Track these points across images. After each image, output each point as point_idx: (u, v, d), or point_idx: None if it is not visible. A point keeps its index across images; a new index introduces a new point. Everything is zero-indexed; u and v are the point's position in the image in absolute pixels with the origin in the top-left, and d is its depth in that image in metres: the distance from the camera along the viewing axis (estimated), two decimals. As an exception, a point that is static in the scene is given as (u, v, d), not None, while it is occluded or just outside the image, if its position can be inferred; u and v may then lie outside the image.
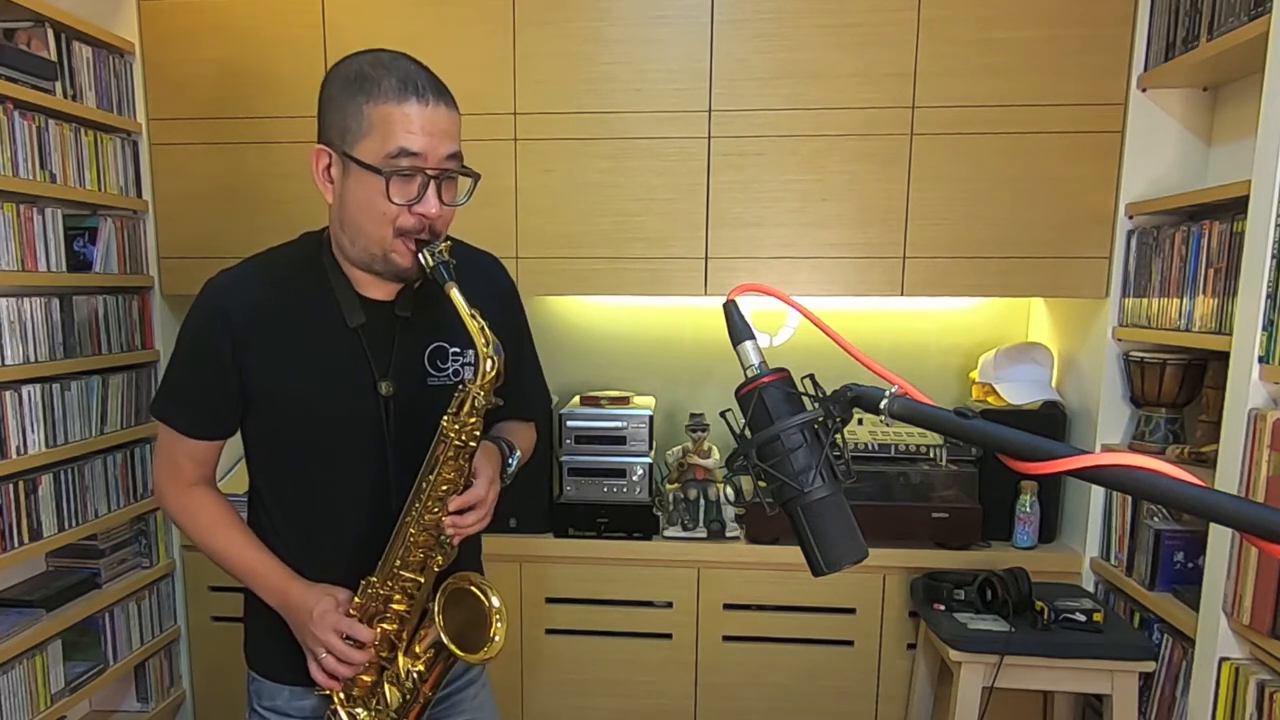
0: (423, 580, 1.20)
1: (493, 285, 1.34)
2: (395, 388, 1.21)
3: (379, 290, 1.22)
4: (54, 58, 2.17)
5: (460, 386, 1.14)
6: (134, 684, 2.55)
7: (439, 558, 1.19)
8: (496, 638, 1.18)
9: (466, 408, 1.13)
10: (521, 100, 2.33)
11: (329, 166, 1.15)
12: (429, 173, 1.11)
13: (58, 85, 2.18)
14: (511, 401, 1.27)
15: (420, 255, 1.13)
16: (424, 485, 1.16)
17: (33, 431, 2.07)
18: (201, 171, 2.46)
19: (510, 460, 1.29)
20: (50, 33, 2.15)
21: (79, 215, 2.29)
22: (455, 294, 1.11)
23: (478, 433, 1.15)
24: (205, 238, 2.48)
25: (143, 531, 2.51)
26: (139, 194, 2.49)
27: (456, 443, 1.14)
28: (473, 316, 1.11)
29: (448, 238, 1.19)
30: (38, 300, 2.09)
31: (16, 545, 2.03)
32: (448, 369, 1.26)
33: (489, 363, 1.12)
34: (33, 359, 2.08)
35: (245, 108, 2.41)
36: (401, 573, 1.19)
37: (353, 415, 1.21)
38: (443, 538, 1.18)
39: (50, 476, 2.13)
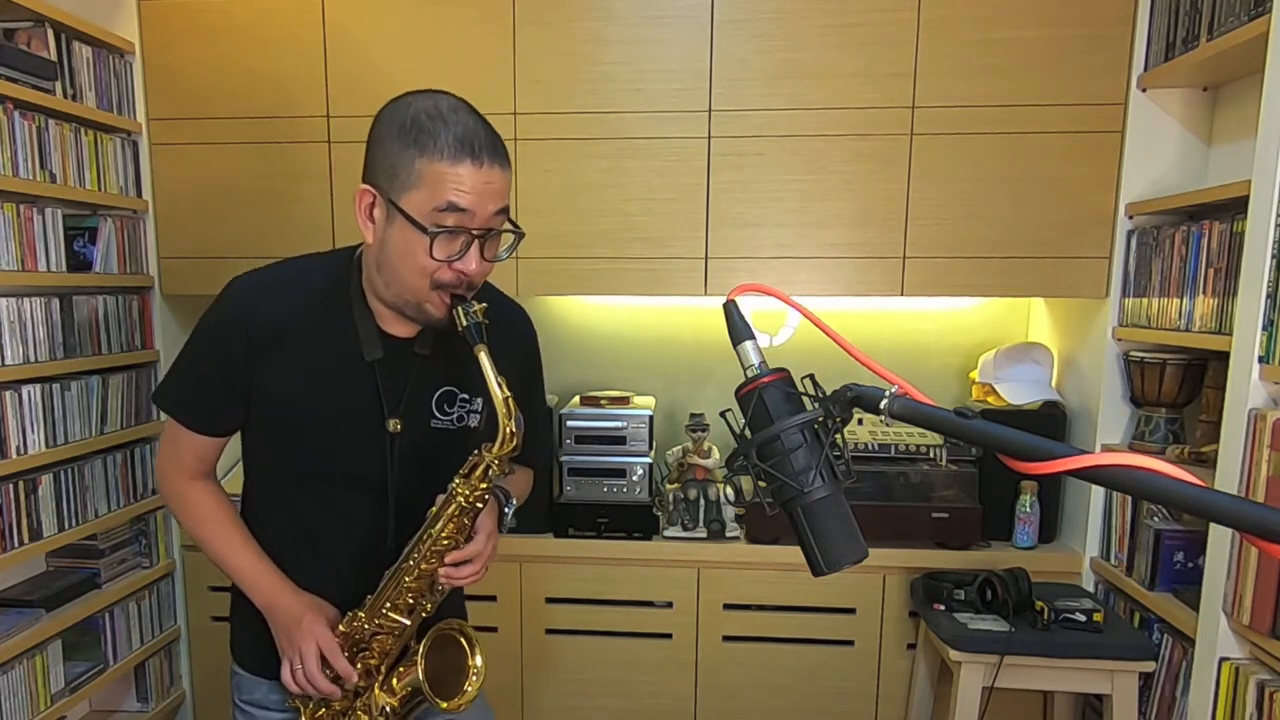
0: (408, 623, 1.21)
1: (517, 337, 1.34)
2: (402, 426, 1.21)
3: (400, 327, 1.21)
4: (54, 58, 2.16)
5: (476, 452, 1.15)
6: (134, 684, 2.55)
7: (428, 605, 1.21)
8: (469, 690, 1.21)
9: (479, 473, 1.14)
10: (521, 100, 2.33)
11: (373, 206, 1.12)
12: (474, 232, 1.09)
13: (58, 85, 2.18)
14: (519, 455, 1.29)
15: (455, 312, 1.11)
16: (425, 538, 1.16)
17: (33, 431, 2.07)
18: (201, 171, 2.46)
19: (507, 509, 1.30)
20: (50, 33, 2.15)
21: (79, 215, 2.29)
22: (484, 359, 1.10)
23: (486, 497, 1.16)
24: (205, 238, 2.48)
25: (143, 531, 2.51)
26: (139, 194, 2.49)
27: (463, 504, 1.14)
28: (499, 385, 1.10)
29: (487, 283, 1.19)
30: (38, 300, 2.09)
31: (16, 545, 2.03)
32: (453, 414, 1.26)
33: (508, 432, 1.11)
34: (33, 359, 2.08)
35: (245, 108, 2.41)
36: (389, 614, 1.20)
37: (358, 448, 1.22)
38: (436, 586, 1.19)
39: (50, 476, 2.13)
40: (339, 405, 1.20)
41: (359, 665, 1.21)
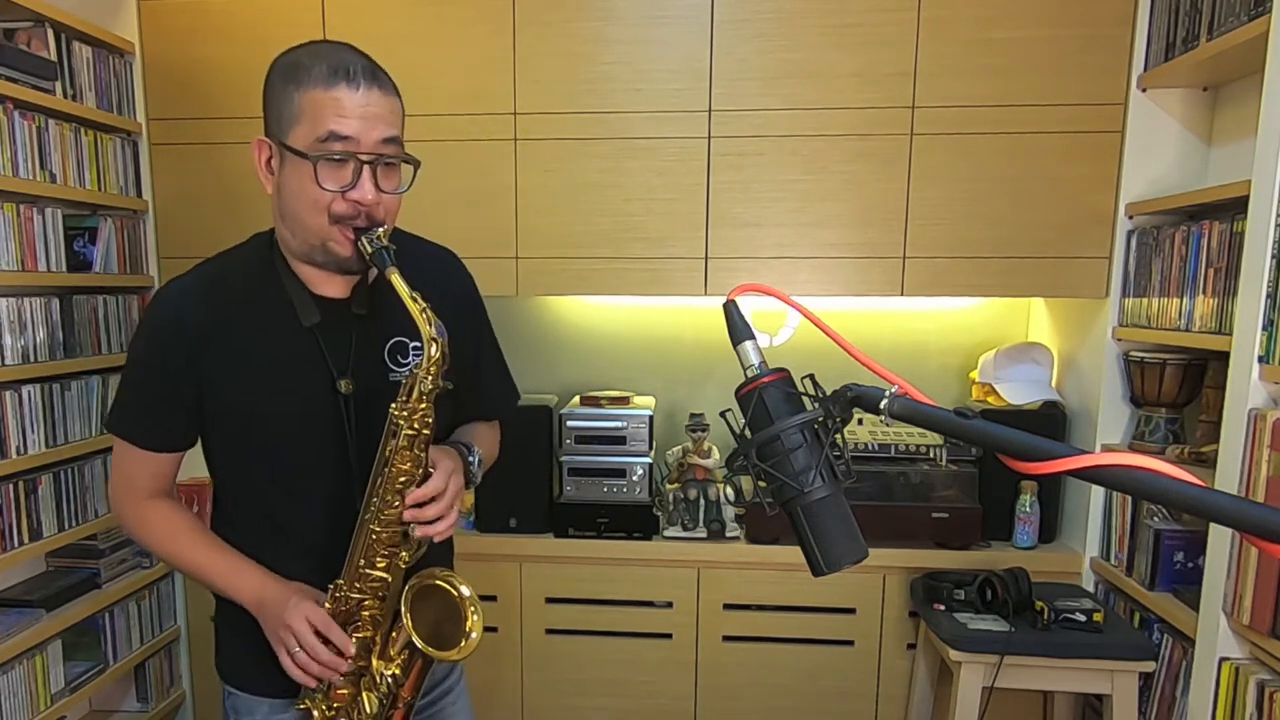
0: (390, 578, 1.17)
1: (447, 276, 1.31)
2: (354, 385, 1.19)
3: (333, 288, 1.20)
4: (54, 58, 2.17)
5: (408, 374, 1.12)
6: (134, 684, 2.55)
7: (404, 554, 1.16)
8: (473, 633, 1.16)
9: (415, 393, 1.10)
10: (521, 100, 2.33)
11: (270, 159, 1.13)
12: (362, 158, 1.08)
13: (58, 85, 2.18)
14: (474, 400, 1.26)
15: (359, 243, 1.10)
16: (379, 479, 1.13)
17: (33, 431, 2.07)
18: (201, 171, 2.46)
19: (470, 459, 1.26)
20: (50, 33, 2.15)
21: (79, 215, 2.29)
22: (396, 279, 1.08)
23: (430, 420, 1.12)
24: (205, 238, 2.46)
25: (143, 531, 2.51)
26: (139, 194, 2.49)
27: (408, 431, 1.11)
28: (414, 299, 1.08)
29: (395, 229, 1.17)
30: (38, 300, 2.09)
31: (16, 545, 2.03)
32: (408, 364, 1.23)
33: (433, 345, 1.09)
34: (33, 359, 2.08)
35: (245, 108, 2.41)
36: (368, 572, 1.16)
37: (313, 415, 1.19)
38: (408, 530, 1.15)
39: (50, 476, 2.13)
40: (287, 377, 1.18)
41: (354, 639, 1.17)
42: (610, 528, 2.43)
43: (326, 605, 1.17)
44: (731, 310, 0.84)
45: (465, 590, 1.18)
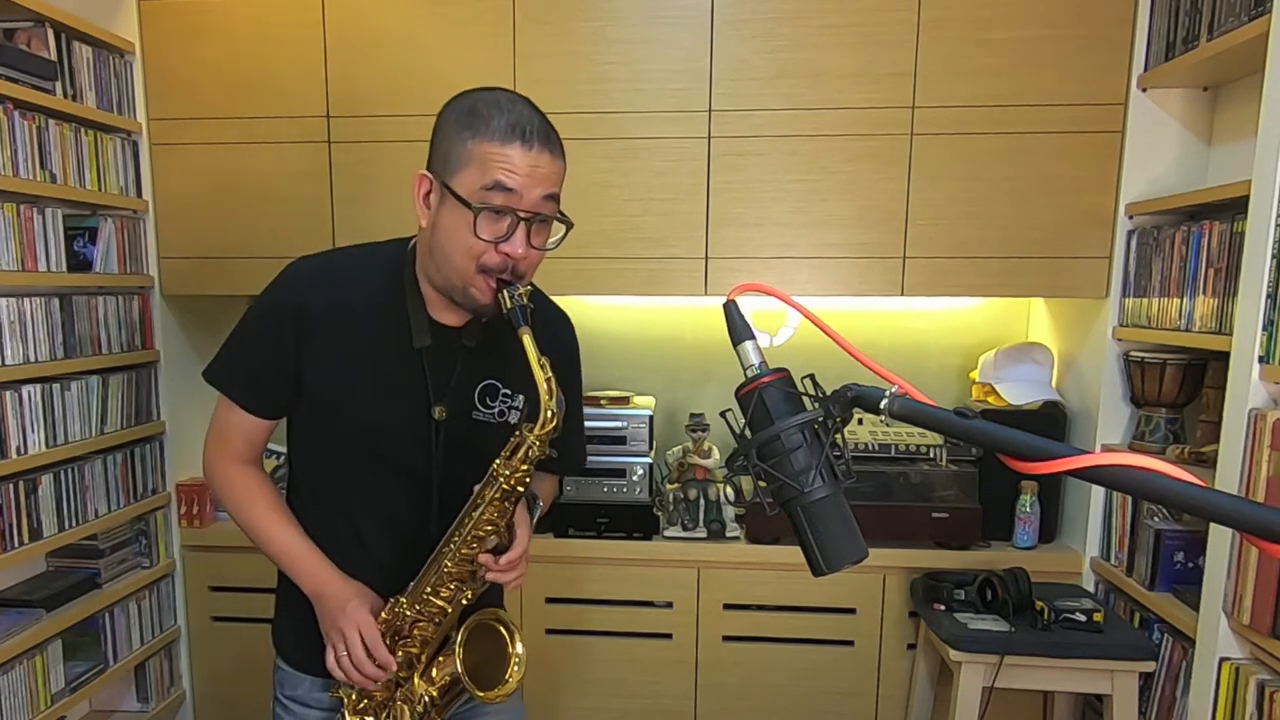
0: (450, 610, 1.22)
1: (561, 342, 1.34)
2: (448, 414, 1.22)
3: (450, 316, 1.23)
4: (54, 58, 2.16)
5: (516, 432, 1.15)
6: (134, 684, 2.55)
7: (469, 593, 1.21)
8: (510, 680, 1.21)
9: (520, 454, 1.13)
10: (521, 100, 2.32)
11: (429, 193, 1.15)
12: (520, 214, 1.10)
13: (58, 85, 2.18)
14: (555, 458, 1.29)
15: (500, 295, 1.12)
16: (466, 521, 1.17)
17: (33, 431, 2.07)
18: (201, 171, 2.46)
19: (533, 512, 1.30)
20: (50, 33, 2.15)
21: (79, 215, 2.29)
22: (528, 340, 1.10)
23: (527, 480, 1.16)
24: (205, 238, 2.48)
25: (143, 531, 2.51)
26: (139, 194, 2.49)
27: (505, 486, 1.14)
28: (541, 366, 1.10)
29: (531, 284, 1.19)
30: (38, 300, 2.09)
31: (16, 545, 2.03)
32: (495, 408, 1.27)
33: (549, 414, 1.11)
34: (33, 359, 2.08)
35: (245, 108, 2.41)
36: (430, 598, 1.21)
37: (403, 432, 1.22)
38: (478, 572, 1.19)
39: (50, 476, 2.13)
40: (385, 389, 1.21)
41: (400, 654, 1.21)
42: (610, 528, 2.43)
43: (383, 615, 1.21)
44: (731, 310, 0.84)
45: (520, 648, 1.24)
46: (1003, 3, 2.19)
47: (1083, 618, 2.02)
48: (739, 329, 0.83)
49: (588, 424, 2.42)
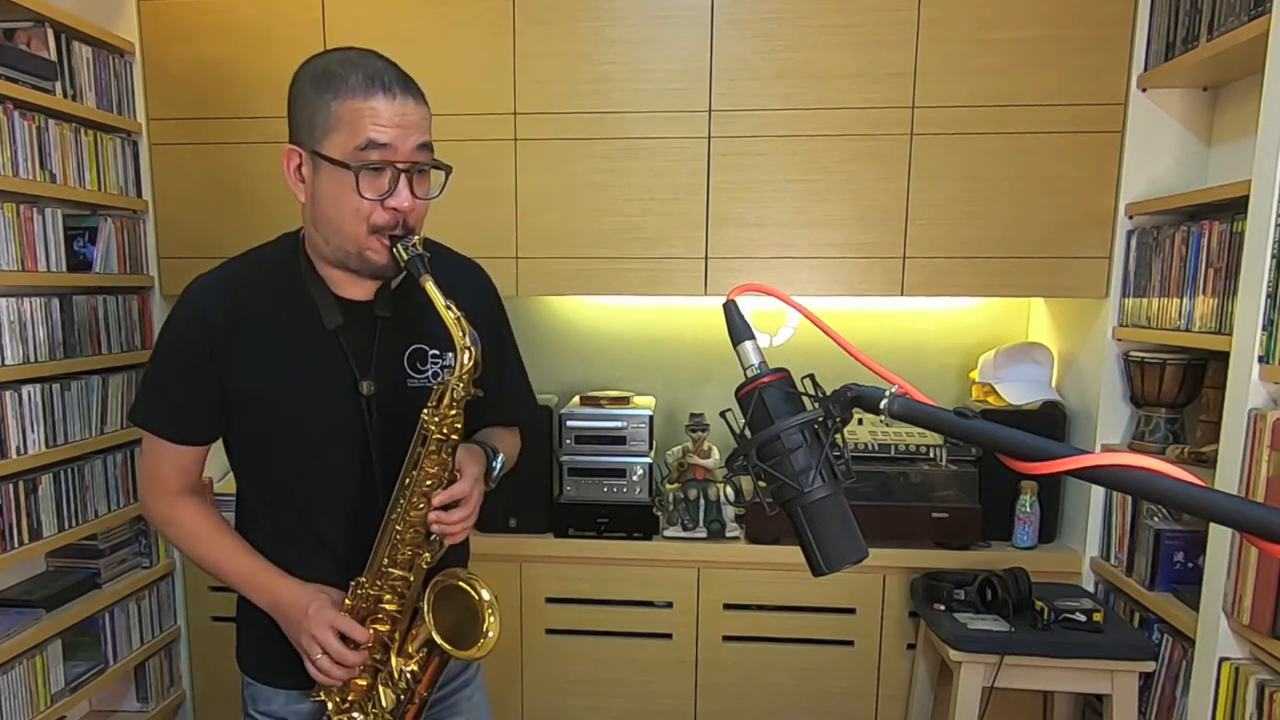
0: (411, 578, 1.20)
1: (472, 285, 1.33)
2: (376, 387, 1.21)
3: (357, 290, 1.22)
4: (54, 58, 2.16)
5: (439, 380, 1.14)
6: (134, 684, 2.55)
7: (426, 555, 1.19)
8: (490, 633, 1.17)
9: (446, 400, 1.12)
10: (521, 100, 2.33)
11: (299, 166, 1.15)
12: (399, 166, 1.10)
13: (58, 85, 2.18)
14: (496, 407, 1.27)
15: (394, 250, 1.12)
16: (407, 481, 1.16)
17: (33, 431, 2.07)
18: (201, 171, 2.46)
19: (494, 463, 1.28)
20: (50, 33, 2.15)
21: (79, 215, 2.29)
22: (431, 286, 1.10)
23: (459, 425, 1.15)
24: (205, 238, 2.48)
25: (143, 531, 2.51)
26: (139, 194, 2.49)
27: (438, 436, 1.13)
28: (448, 308, 1.10)
29: (425, 238, 1.18)
30: (38, 300, 2.09)
31: (16, 545, 2.03)
32: (427, 371, 1.26)
33: (466, 354, 1.11)
34: (33, 359, 2.08)
35: (245, 108, 2.41)
36: (390, 570, 1.19)
37: (334, 415, 1.21)
38: (431, 535, 1.17)
39: (50, 476, 2.13)
40: (310, 377, 1.20)
41: (371, 632, 1.20)
42: (610, 528, 2.43)
43: (347, 602, 1.20)
44: (731, 310, 0.84)
45: (486, 594, 1.19)
46: (1003, 3, 2.19)
47: (1083, 618, 2.02)
48: (739, 329, 0.83)
49: (588, 424, 2.49)
